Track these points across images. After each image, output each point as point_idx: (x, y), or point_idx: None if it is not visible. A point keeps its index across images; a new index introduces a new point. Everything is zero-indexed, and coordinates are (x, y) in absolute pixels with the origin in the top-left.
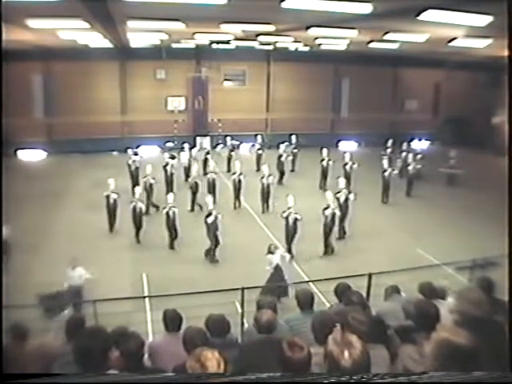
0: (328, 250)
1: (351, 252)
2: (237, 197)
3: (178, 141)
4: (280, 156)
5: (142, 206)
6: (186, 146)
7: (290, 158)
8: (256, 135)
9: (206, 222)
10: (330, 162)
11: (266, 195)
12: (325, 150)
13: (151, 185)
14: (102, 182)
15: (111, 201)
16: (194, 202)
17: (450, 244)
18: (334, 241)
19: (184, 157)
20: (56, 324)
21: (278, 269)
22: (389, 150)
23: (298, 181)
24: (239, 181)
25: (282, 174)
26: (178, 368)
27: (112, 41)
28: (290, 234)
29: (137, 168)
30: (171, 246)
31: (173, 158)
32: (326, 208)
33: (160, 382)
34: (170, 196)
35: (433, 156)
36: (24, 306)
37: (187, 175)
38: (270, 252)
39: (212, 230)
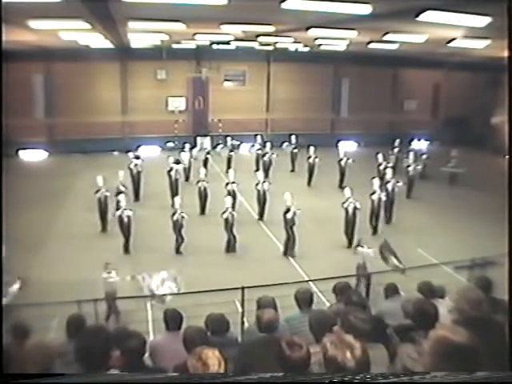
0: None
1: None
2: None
3: (178, 141)
4: (264, 154)
5: (184, 216)
6: (187, 146)
7: (274, 156)
8: (256, 135)
9: (284, 218)
10: (317, 160)
11: (262, 201)
12: (312, 148)
13: (106, 197)
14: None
15: (125, 219)
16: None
17: (448, 243)
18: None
19: (184, 157)
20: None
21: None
22: (396, 150)
23: (295, 180)
24: (233, 191)
25: (266, 172)
26: (178, 367)
27: (113, 41)
28: (350, 223)
29: (139, 172)
30: (232, 249)
31: (177, 162)
32: (372, 193)
33: (162, 381)
34: (229, 199)
35: (433, 156)
36: (24, 305)
37: (187, 176)
38: (360, 246)
39: (289, 224)
